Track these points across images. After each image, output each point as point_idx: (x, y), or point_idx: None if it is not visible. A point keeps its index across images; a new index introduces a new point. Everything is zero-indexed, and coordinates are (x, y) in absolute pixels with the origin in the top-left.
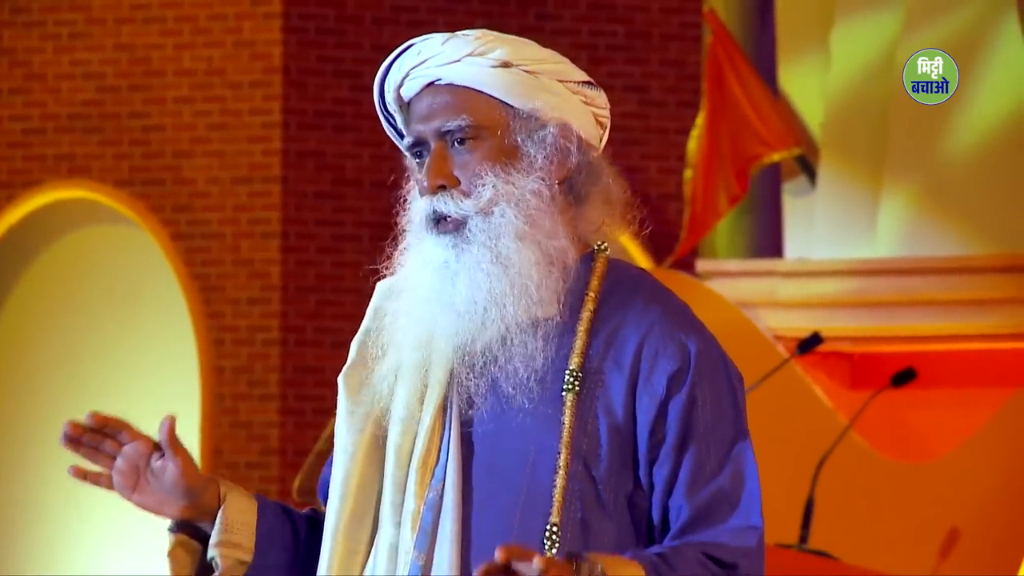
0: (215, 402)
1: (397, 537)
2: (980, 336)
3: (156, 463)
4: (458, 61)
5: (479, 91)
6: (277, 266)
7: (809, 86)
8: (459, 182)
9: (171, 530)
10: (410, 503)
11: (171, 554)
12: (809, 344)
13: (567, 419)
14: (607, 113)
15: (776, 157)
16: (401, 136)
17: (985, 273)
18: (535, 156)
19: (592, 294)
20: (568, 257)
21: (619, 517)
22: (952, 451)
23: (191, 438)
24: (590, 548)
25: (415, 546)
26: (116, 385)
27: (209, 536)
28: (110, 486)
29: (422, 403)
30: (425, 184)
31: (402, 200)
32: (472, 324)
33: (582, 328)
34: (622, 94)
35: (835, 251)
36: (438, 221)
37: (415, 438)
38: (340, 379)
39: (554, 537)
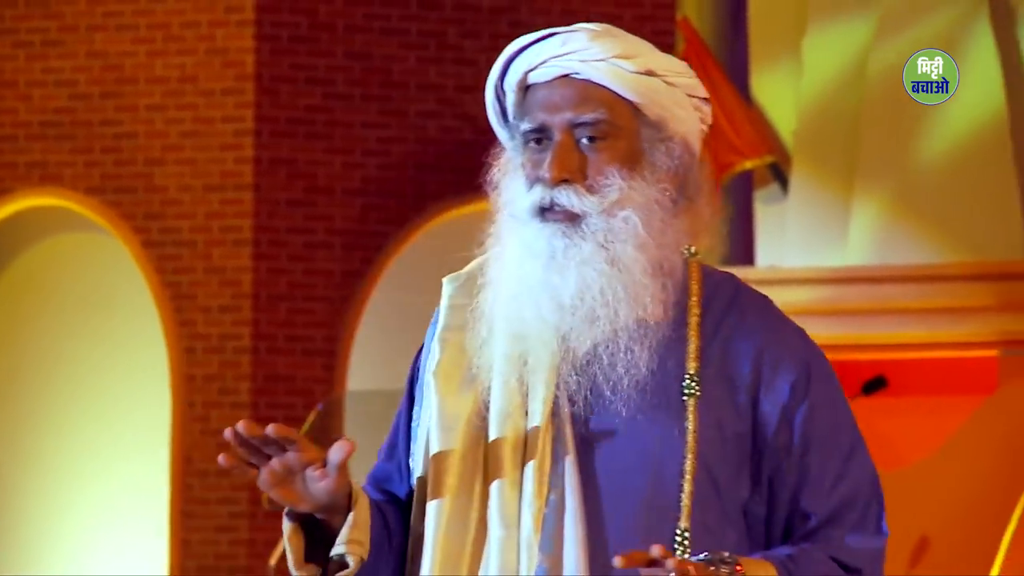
0: (186, 410)
1: (512, 539)
2: (952, 344)
3: (312, 472)
4: (603, 60)
5: (616, 93)
6: (248, 274)
7: (781, 94)
8: (584, 178)
9: (288, 516)
10: (533, 504)
11: (291, 539)
12: None
13: (691, 424)
14: (708, 128)
15: (748, 165)
16: (504, 115)
17: (957, 281)
18: (659, 166)
19: (695, 299)
20: (676, 267)
21: (736, 523)
22: (923, 459)
23: (161, 445)
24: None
25: (540, 548)
26: (87, 392)
27: (315, 525)
28: (253, 479)
29: (525, 399)
30: (548, 175)
31: (493, 183)
32: (576, 320)
33: (693, 334)
34: None
35: (807, 259)
36: (544, 210)
37: (524, 436)
38: (431, 376)
39: (685, 543)
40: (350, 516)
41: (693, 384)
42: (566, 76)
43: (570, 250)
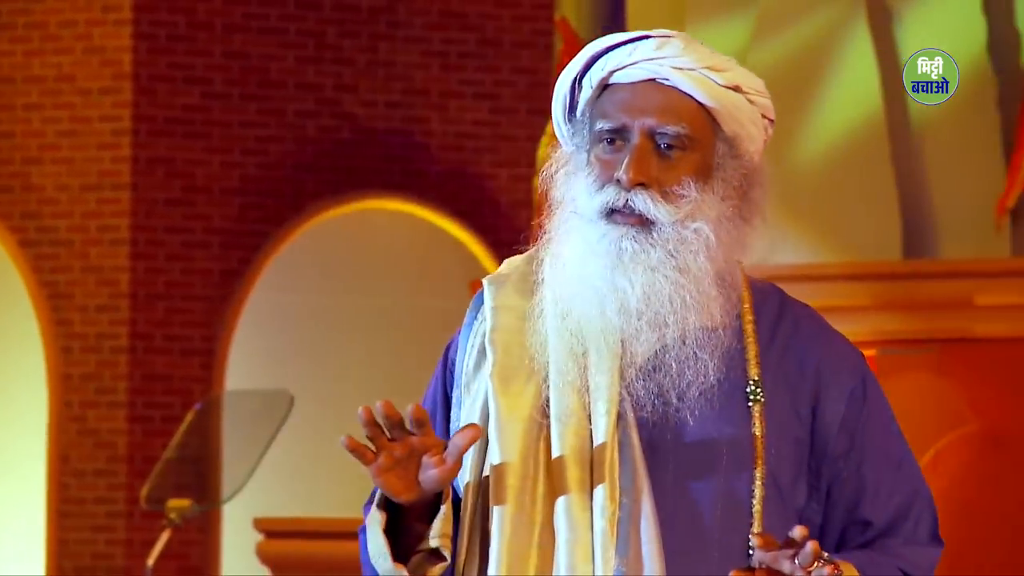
0: (63, 409)
1: (584, 541)
2: None
3: (429, 459)
4: (694, 70)
5: (700, 104)
6: (126, 273)
7: None
8: (659, 185)
9: (380, 506)
10: (606, 508)
11: (386, 531)
12: None
13: (758, 430)
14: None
15: None
16: (571, 109)
17: (835, 281)
18: (729, 181)
19: (748, 306)
20: (737, 279)
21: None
22: None
23: (38, 445)
24: None
25: (617, 552)
26: None
27: (396, 516)
28: (369, 462)
29: (585, 402)
30: (624, 176)
31: (550, 174)
32: (643, 325)
33: (751, 340)
34: (473, 101)
35: None
36: (614, 212)
37: (589, 439)
38: (489, 379)
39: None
40: (443, 508)
41: (758, 390)
42: (653, 80)
43: (639, 255)
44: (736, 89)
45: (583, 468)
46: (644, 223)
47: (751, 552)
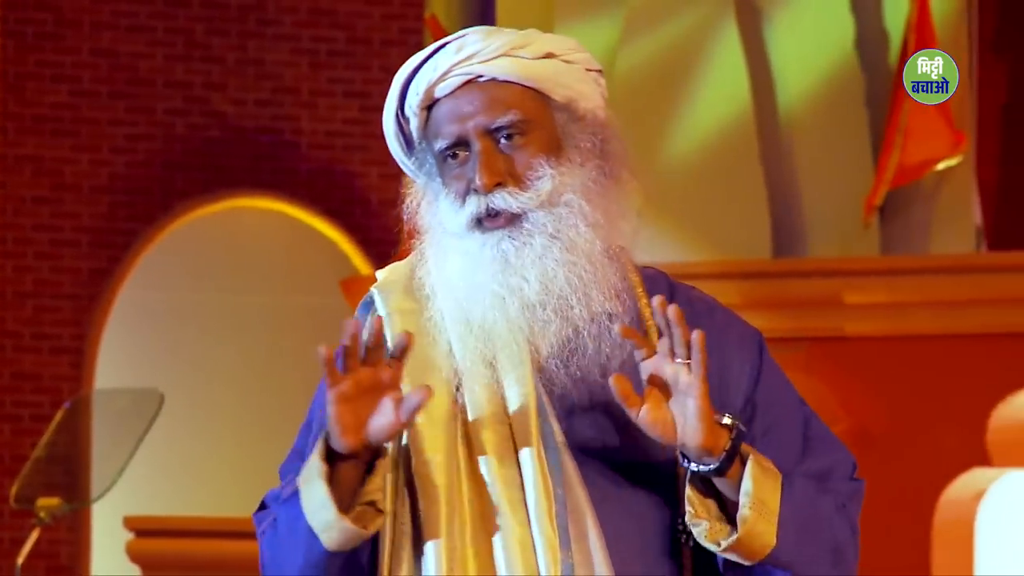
0: None
1: (524, 537)
2: None
3: (390, 401)
4: (501, 56)
5: (522, 85)
6: None
7: None
8: (514, 178)
9: (321, 457)
10: (540, 503)
11: (330, 483)
12: None
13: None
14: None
15: None
16: (407, 143)
17: (704, 279)
18: (581, 146)
19: (640, 290)
20: (623, 252)
21: None
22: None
23: None
24: None
25: (562, 546)
26: None
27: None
28: (335, 383)
29: (502, 399)
30: (479, 183)
31: (413, 209)
32: (549, 314)
33: (651, 323)
34: (343, 100)
35: None
36: (480, 220)
37: (511, 435)
38: (404, 384)
39: (688, 531)
40: (382, 462)
41: None
42: (471, 81)
43: (522, 250)
44: (548, 56)
45: (509, 466)
46: (513, 220)
47: (680, 535)
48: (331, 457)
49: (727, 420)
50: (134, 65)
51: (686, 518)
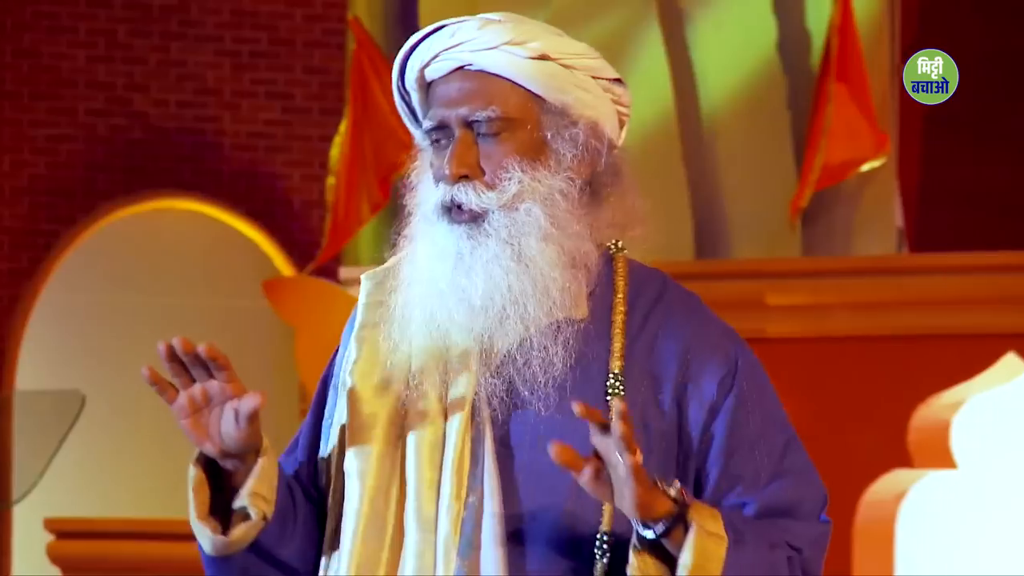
0: None
1: (429, 542)
2: None
3: (228, 411)
4: (494, 48)
5: (512, 81)
6: None
7: None
8: (483, 173)
9: (197, 463)
10: (451, 507)
11: (196, 489)
12: None
13: (616, 425)
14: (629, 111)
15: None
16: (414, 116)
17: None
18: (564, 154)
19: (621, 296)
20: (591, 259)
21: None
22: None
23: None
24: None
25: (459, 553)
26: None
27: (222, 477)
28: (171, 400)
29: (443, 401)
30: (446, 172)
31: (408, 182)
32: (489, 321)
33: (618, 331)
34: (265, 101)
35: None
36: (450, 210)
37: (443, 438)
38: (347, 375)
39: (604, 547)
40: (255, 466)
41: (617, 384)
42: (461, 68)
43: (476, 250)
44: (543, 57)
45: (434, 468)
46: (476, 218)
47: (596, 551)
48: (211, 462)
49: (672, 492)
50: (56, 66)
51: (627, 570)
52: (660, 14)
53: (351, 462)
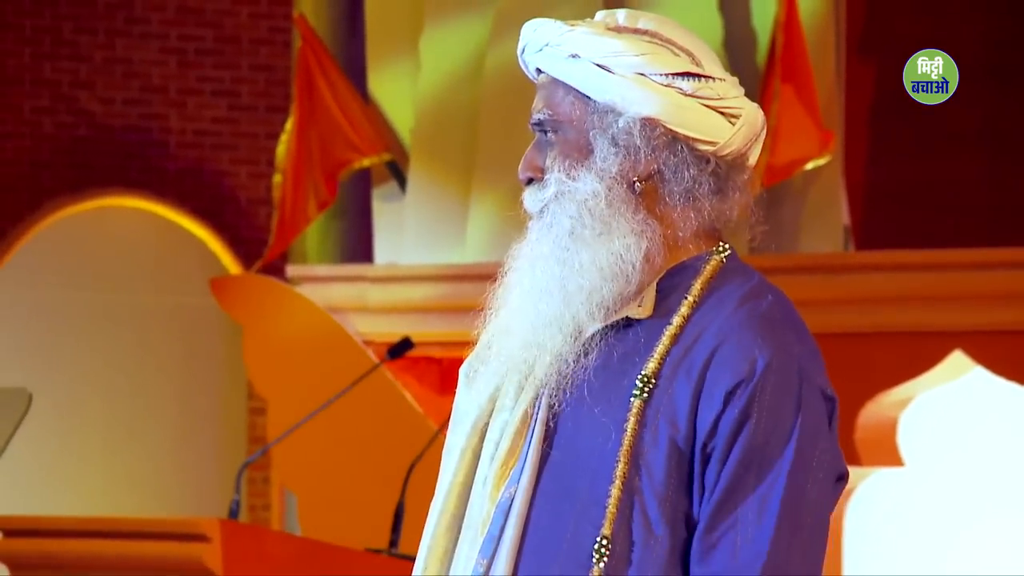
0: None
1: (478, 537)
2: None
3: None
4: (541, 51)
5: (564, 83)
6: None
7: (399, 92)
8: (543, 174)
9: None
10: (484, 505)
11: None
12: (399, 349)
13: (630, 426)
14: (736, 103)
15: (366, 162)
16: None
17: None
18: (607, 153)
19: (690, 299)
20: (655, 259)
21: (674, 536)
22: None
23: None
24: (637, 565)
25: (480, 552)
26: None
27: None
28: None
29: (516, 400)
30: (519, 175)
31: None
32: (549, 317)
33: (668, 333)
34: (211, 99)
35: (425, 256)
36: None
37: (502, 436)
38: (461, 370)
39: (603, 551)
40: None
41: (642, 385)
42: (537, 70)
43: (532, 250)
44: (574, 57)
45: (487, 464)
46: (534, 219)
47: (593, 554)
48: None
49: None
50: (1, 63)
51: None
52: None
53: (446, 461)
